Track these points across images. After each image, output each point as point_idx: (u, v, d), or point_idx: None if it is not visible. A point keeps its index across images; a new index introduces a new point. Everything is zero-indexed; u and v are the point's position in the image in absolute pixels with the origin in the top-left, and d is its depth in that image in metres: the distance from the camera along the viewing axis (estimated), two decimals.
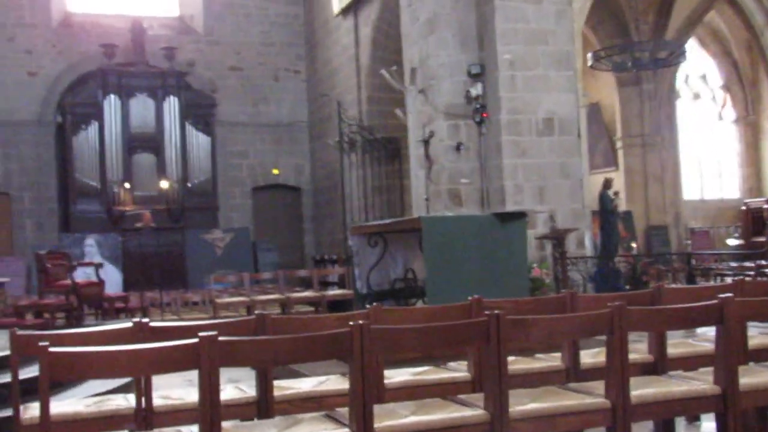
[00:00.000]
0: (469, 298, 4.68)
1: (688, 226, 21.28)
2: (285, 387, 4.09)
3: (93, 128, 18.64)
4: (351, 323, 3.20)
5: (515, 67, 12.80)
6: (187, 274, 17.82)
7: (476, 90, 12.99)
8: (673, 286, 11.28)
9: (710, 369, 3.76)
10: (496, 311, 3.39)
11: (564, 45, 13.07)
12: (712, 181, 23.71)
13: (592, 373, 4.20)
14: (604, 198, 13.91)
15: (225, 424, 3.15)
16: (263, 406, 3.90)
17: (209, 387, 2.97)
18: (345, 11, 18.51)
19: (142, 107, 19.01)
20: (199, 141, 19.58)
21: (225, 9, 20.86)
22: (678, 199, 20.64)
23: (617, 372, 3.44)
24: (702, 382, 3.70)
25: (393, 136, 17.29)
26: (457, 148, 13.08)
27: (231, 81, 20.85)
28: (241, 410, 3.93)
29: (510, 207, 12.68)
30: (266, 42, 21.32)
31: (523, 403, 3.48)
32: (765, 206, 20.19)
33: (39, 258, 10.61)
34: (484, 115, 12.93)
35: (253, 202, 21.18)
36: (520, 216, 7.99)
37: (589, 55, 15.87)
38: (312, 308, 13.10)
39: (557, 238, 12.39)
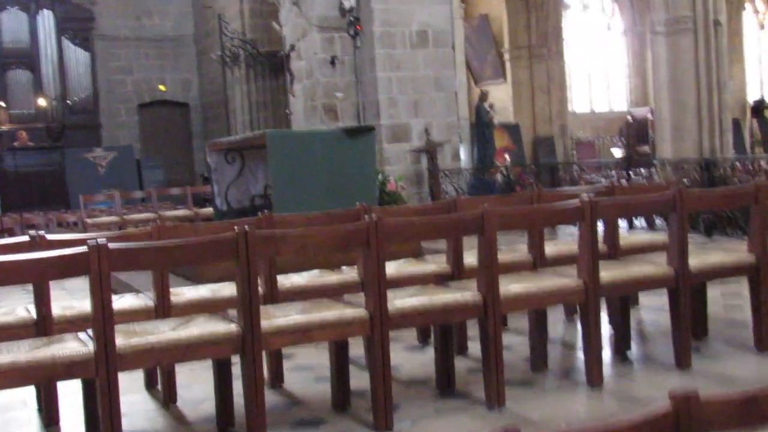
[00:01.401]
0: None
1: (574, 137, 21.72)
2: (181, 293, 4.23)
3: None
4: (236, 228, 3.34)
5: None
6: (68, 194, 17.39)
7: (349, 2, 12.80)
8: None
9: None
10: (374, 216, 3.56)
11: None
12: (601, 93, 24.16)
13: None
14: (479, 110, 14.04)
15: (119, 326, 3.28)
16: (160, 310, 4.02)
17: (101, 291, 3.09)
18: None
19: (14, 21, 18.18)
20: (77, 56, 18.91)
21: None
22: (564, 110, 20.97)
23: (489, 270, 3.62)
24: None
25: (276, 50, 16.98)
26: (332, 62, 12.94)
27: None
28: (140, 316, 3.99)
29: (385, 121, 12.71)
30: None
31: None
32: (649, 116, 20.69)
33: None
34: (358, 27, 12.78)
35: (140, 119, 20.69)
36: (368, 130, 8.00)
37: None
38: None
39: (430, 151, 12.50)
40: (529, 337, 4.39)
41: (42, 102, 18.35)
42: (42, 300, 3.84)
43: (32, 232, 4.07)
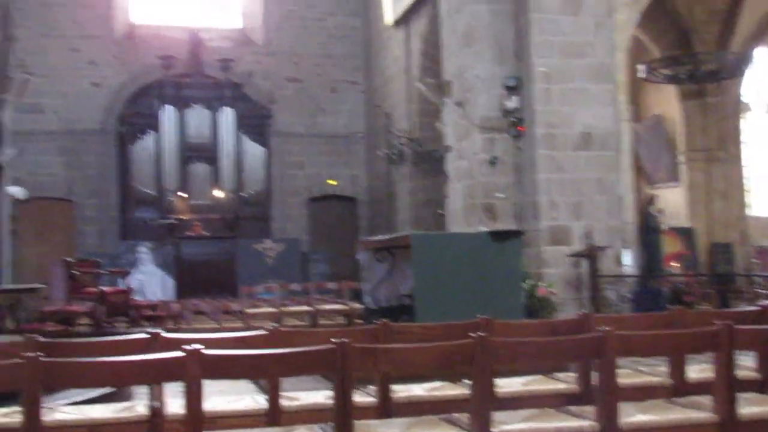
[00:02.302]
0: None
1: (757, 245, 20.43)
2: (401, 390, 4.31)
3: (150, 138, 19.11)
4: (471, 335, 3.36)
5: (551, 80, 12.52)
6: (237, 282, 18.02)
7: (512, 103, 12.77)
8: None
9: None
10: (605, 327, 3.51)
11: (603, 57, 12.72)
12: None
13: (698, 388, 4.30)
14: (647, 215, 13.47)
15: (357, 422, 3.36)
16: (385, 408, 4.10)
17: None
18: (398, 22, 18.49)
19: (198, 118, 19.40)
20: (254, 151, 19.90)
21: (284, 21, 21.09)
22: (744, 215, 19.83)
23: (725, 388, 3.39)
24: None
25: (437, 149, 17.17)
26: (492, 162, 12.87)
27: (289, 92, 21.07)
28: (365, 412, 4.04)
29: (545, 222, 12.42)
30: (324, 53, 21.48)
31: (631, 415, 3.60)
32: None
33: (66, 265, 10.90)
34: (520, 129, 12.70)
35: (309, 213, 21.33)
36: (515, 234, 7.79)
37: (642, 67, 15.43)
38: (345, 320, 13.09)
39: (591, 255, 12.06)
40: None
41: (218, 194, 19.31)
42: (271, 391, 3.97)
43: (150, 329, 4.13)
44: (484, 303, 7.44)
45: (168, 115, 19.15)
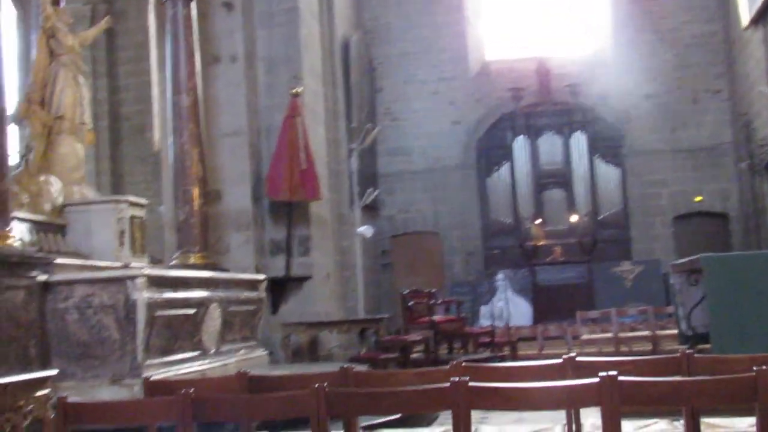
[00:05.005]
0: None
1: None
2: None
3: (505, 169, 19.74)
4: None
5: None
6: (594, 306, 17.85)
7: None
8: None
9: None
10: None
11: None
12: None
13: None
14: None
15: None
16: None
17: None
18: (754, 22, 17.14)
19: (549, 145, 19.66)
20: (608, 173, 19.64)
21: (636, 36, 20.55)
22: None
23: None
24: None
25: None
26: None
27: (644, 109, 20.44)
28: None
29: None
30: (682, 64, 20.52)
31: None
32: None
33: (403, 297, 11.74)
34: None
35: (674, 232, 20.41)
36: None
37: None
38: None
39: None
40: None
41: (574, 218, 19.33)
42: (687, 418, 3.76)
43: (565, 356, 4.12)
44: None
45: (520, 144, 19.66)
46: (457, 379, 3.13)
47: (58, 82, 8.95)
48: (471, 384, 3.13)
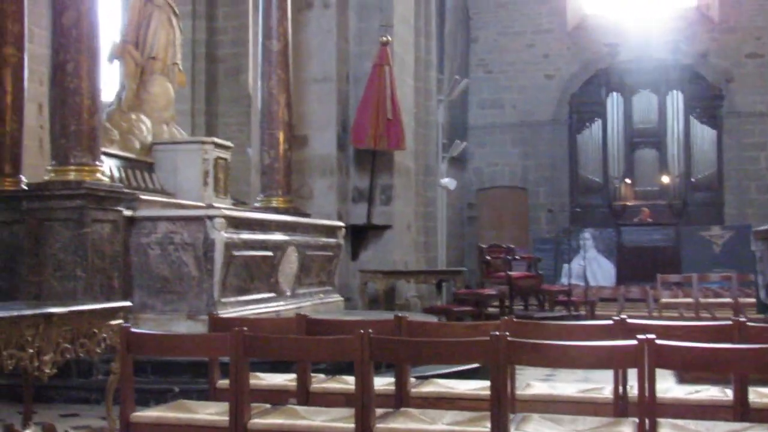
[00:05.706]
0: None
1: None
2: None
3: (597, 126, 19.42)
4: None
5: None
6: (680, 270, 17.52)
7: None
8: None
9: None
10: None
11: None
12: None
13: None
14: None
15: None
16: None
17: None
18: None
19: (644, 103, 19.23)
20: (703, 134, 19.11)
21: None
22: None
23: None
24: None
25: None
26: None
27: (747, 69, 19.70)
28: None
29: None
30: None
31: None
32: None
33: (480, 251, 11.76)
34: None
35: None
36: None
37: None
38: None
39: None
40: None
41: (665, 179, 18.91)
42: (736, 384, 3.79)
43: (615, 317, 4.16)
44: None
45: (614, 101, 19.27)
46: (497, 333, 3.19)
47: (151, 24, 9.18)
48: (510, 339, 3.19)
